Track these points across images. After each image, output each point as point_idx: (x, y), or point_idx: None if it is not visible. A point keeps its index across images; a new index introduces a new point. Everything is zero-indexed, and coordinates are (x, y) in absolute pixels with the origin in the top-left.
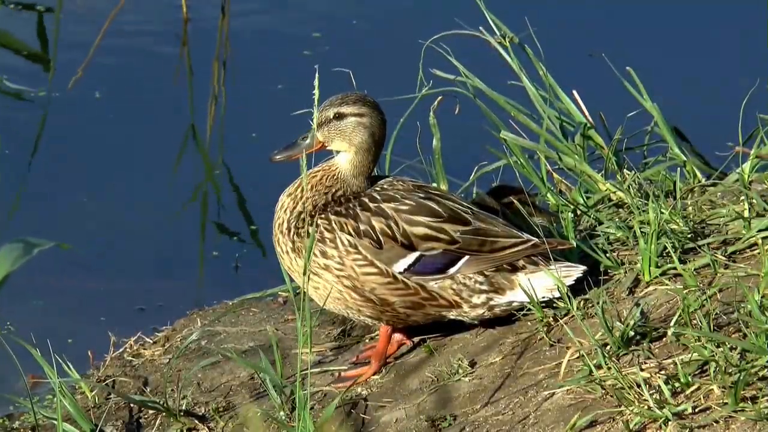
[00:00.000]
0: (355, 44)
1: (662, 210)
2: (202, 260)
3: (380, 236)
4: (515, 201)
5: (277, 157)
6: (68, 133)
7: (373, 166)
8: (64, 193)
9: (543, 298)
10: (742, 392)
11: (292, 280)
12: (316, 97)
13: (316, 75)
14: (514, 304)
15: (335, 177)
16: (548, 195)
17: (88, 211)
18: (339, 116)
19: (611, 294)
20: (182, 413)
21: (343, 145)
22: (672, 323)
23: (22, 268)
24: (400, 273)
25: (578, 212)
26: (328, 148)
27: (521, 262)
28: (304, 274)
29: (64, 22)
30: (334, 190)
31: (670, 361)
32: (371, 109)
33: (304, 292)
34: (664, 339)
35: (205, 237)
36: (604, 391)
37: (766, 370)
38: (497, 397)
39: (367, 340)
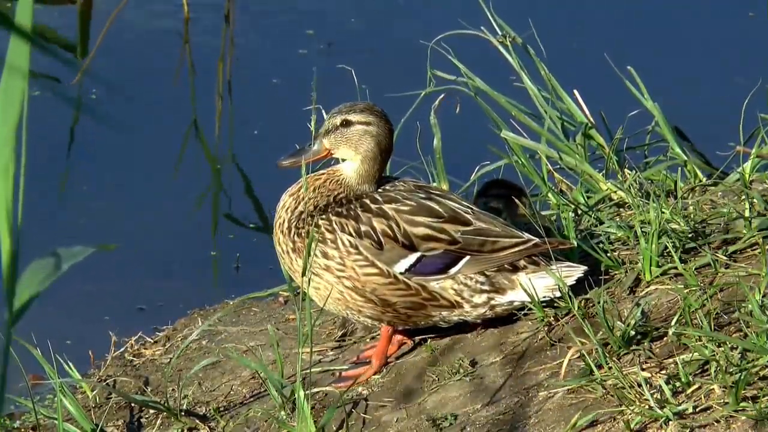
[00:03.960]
0: (354, 43)
1: (663, 209)
2: (203, 260)
3: (381, 237)
4: (516, 199)
5: (284, 162)
6: (68, 132)
7: (378, 175)
8: (63, 193)
9: (544, 297)
10: (742, 392)
11: (292, 280)
12: (313, 99)
13: (314, 77)
14: (515, 303)
15: (339, 182)
16: (549, 194)
17: (88, 211)
18: (346, 123)
19: (612, 293)
20: (183, 413)
21: (348, 153)
22: (673, 323)
23: None
24: (401, 273)
25: (579, 212)
26: (334, 155)
27: (522, 262)
28: (305, 274)
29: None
30: (336, 194)
31: (670, 360)
32: (378, 118)
33: (305, 293)
34: (664, 338)
35: (205, 236)
36: (605, 391)
37: (766, 369)
38: (498, 396)
39: (368, 340)
